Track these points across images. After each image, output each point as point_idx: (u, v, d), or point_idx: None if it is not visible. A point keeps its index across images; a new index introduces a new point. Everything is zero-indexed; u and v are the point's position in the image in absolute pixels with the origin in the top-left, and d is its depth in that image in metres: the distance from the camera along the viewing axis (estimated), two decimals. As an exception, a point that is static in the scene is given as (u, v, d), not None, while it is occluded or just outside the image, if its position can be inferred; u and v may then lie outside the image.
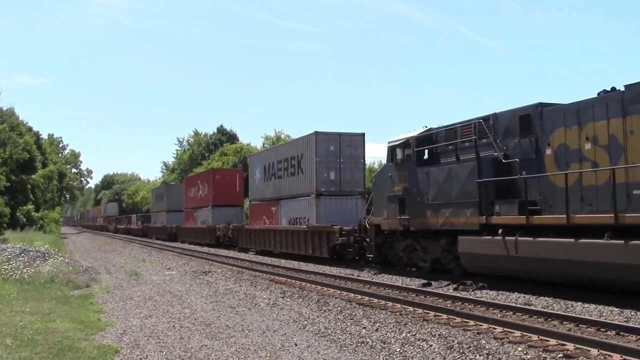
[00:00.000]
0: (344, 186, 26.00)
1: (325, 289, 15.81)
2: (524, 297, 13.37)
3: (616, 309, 11.41)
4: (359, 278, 17.85)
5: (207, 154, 78.14)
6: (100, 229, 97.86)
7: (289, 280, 18.15)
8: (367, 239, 21.29)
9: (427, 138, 18.31)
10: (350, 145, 26.02)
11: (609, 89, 13.12)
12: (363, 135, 26.49)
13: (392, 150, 19.28)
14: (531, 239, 13.76)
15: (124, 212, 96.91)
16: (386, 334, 9.69)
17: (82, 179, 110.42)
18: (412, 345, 8.79)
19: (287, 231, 27.91)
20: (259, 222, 32.36)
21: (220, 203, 41.64)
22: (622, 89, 12.55)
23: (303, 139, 27.41)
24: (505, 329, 9.66)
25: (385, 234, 19.99)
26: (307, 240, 25.47)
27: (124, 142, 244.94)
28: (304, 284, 17.08)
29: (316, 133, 25.83)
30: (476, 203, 15.44)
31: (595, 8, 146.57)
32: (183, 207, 51.35)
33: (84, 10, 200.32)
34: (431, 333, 9.67)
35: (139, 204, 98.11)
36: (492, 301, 12.62)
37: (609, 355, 7.86)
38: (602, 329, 9.49)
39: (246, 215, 41.19)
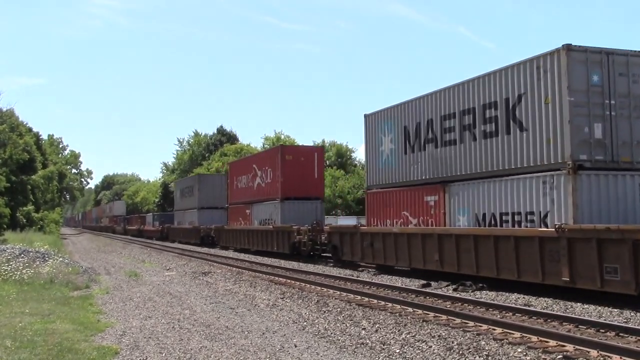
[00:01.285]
0: (619, 151, 14.02)
1: (325, 289, 15.80)
2: (523, 297, 13.37)
3: (615, 310, 11.43)
4: (359, 279, 17.84)
5: (207, 155, 78.28)
6: (105, 230, 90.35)
7: (289, 281, 18.14)
8: None
9: None
10: (626, 74, 14.19)
11: None
12: None
13: None
14: None
15: (128, 212, 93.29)
16: (386, 335, 9.69)
17: (82, 179, 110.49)
18: (412, 347, 8.79)
19: (484, 238, 15.47)
20: (396, 221, 20.25)
21: (292, 195, 29.61)
22: None
23: (527, 64, 14.95)
24: (505, 330, 9.67)
25: None
26: (557, 259, 13.23)
27: (124, 142, 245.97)
28: (303, 284, 17.06)
29: (568, 47, 13.79)
30: None
31: (595, 8, 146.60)
32: (225, 203, 39.77)
33: (82, 11, 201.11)
34: (431, 334, 9.67)
35: (139, 205, 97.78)
36: (492, 302, 12.64)
37: (609, 357, 7.87)
38: (601, 330, 9.51)
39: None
